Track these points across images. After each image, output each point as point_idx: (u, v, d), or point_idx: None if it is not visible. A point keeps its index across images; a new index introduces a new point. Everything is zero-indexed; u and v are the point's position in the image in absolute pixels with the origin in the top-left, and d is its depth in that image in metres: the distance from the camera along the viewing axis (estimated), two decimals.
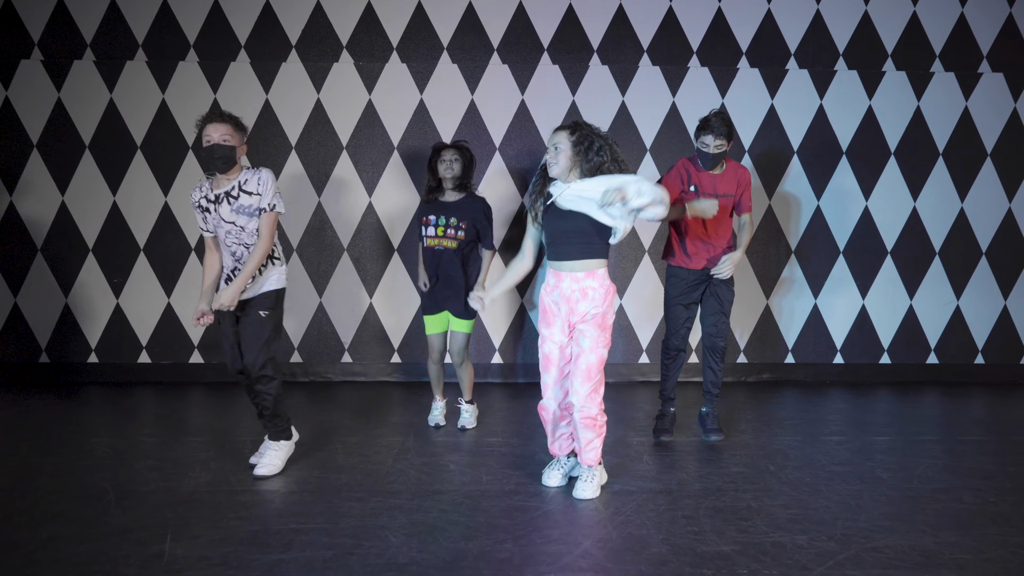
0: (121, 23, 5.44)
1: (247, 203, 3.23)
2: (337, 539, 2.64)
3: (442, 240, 4.06)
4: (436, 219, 4.07)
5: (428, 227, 4.10)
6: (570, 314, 3.11)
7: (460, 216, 4.07)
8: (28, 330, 5.55)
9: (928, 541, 2.67)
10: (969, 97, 5.73)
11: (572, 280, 3.08)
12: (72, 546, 2.57)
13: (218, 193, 3.27)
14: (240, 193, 3.25)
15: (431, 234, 4.09)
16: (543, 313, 3.20)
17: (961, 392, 5.46)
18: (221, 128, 3.19)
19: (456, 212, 4.07)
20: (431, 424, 4.32)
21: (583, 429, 3.11)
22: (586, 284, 3.07)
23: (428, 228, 4.10)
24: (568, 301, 3.10)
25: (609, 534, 2.73)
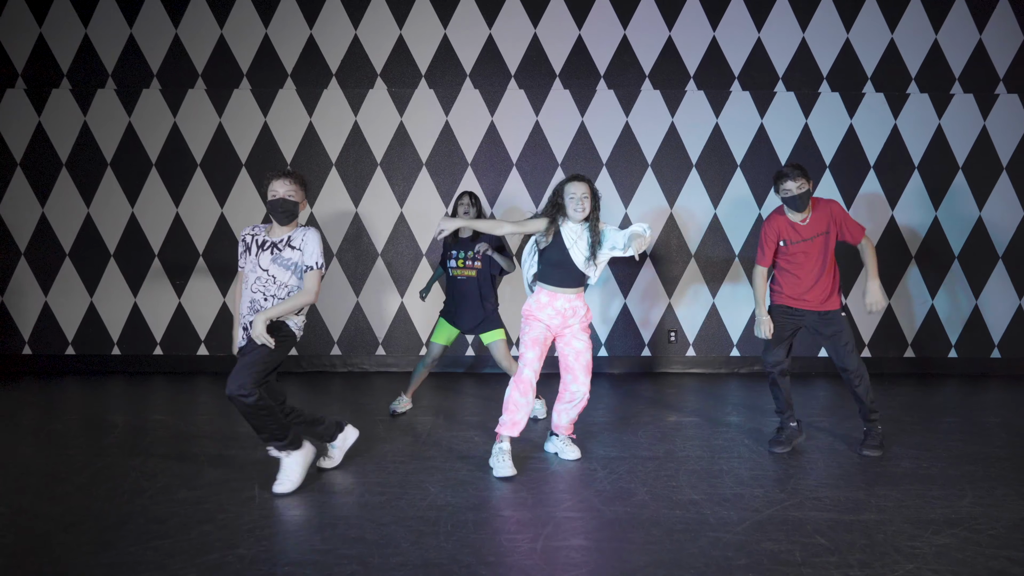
0: (184, 55, 6.19)
1: (288, 256, 3.38)
2: (388, 488, 3.35)
3: (464, 271, 4.67)
4: (457, 253, 4.68)
5: (452, 260, 4.71)
6: (562, 326, 3.78)
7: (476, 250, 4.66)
8: (12, 324, 6.33)
9: (861, 493, 3.32)
10: (942, 115, 6.33)
11: (566, 299, 3.75)
12: (184, 492, 3.29)
13: (267, 241, 3.42)
14: (286, 247, 3.40)
15: (453, 265, 4.70)
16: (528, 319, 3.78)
17: (936, 383, 6.06)
18: (288, 185, 3.39)
19: (471, 246, 4.66)
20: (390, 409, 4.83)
21: (581, 406, 3.81)
22: (575, 304, 3.78)
23: (452, 261, 4.71)
24: (562, 315, 3.76)
25: (603, 487, 3.40)
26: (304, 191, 3.50)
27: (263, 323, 3.24)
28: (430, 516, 3.02)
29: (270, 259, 3.39)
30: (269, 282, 3.37)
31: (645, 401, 5.28)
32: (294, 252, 3.39)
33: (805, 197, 3.84)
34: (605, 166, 6.32)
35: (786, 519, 3.00)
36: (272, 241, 3.43)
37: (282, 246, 3.40)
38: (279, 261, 3.38)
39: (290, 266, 3.38)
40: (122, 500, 3.20)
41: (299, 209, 3.44)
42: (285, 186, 3.39)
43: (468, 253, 4.69)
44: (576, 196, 3.70)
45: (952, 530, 2.90)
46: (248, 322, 3.36)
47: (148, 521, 2.96)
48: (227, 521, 2.97)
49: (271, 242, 3.43)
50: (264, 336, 3.23)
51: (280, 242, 3.41)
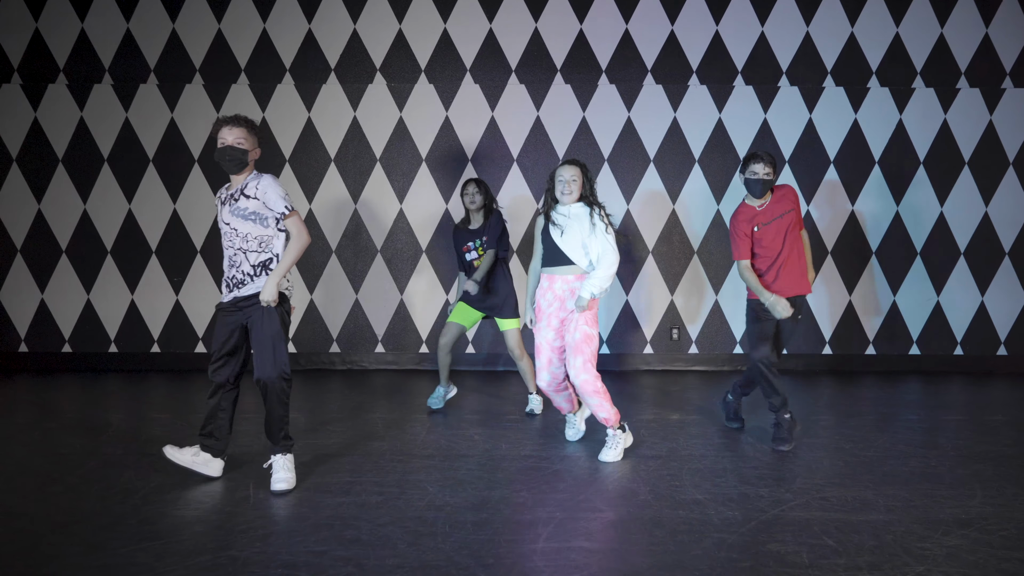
0: (181, 50, 6.13)
1: (244, 206, 3.29)
2: (385, 488, 3.28)
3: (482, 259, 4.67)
4: (473, 244, 4.73)
5: (470, 252, 4.74)
6: (560, 310, 3.77)
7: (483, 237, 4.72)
8: (9, 320, 6.26)
9: (868, 493, 3.25)
10: (948, 110, 6.24)
11: (563, 281, 3.76)
12: (177, 492, 3.23)
13: (226, 194, 3.38)
14: (240, 196, 3.30)
15: (474, 256, 4.72)
16: (537, 312, 3.88)
17: (940, 380, 5.98)
18: (236, 131, 3.26)
19: (480, 234, 4.72)
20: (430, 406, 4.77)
21: (585, 396, 3.73)
22: (575, 286, 3.76)
23: (470, 253, 4.73)
24: (560, 299, 3.76)
25: (606, 486, 3.34)
26: (255, 137, 3.36)
27: (275, 286, 3.24)
28: (428, 516, 2.96)
29: (229, 212, 3.33)
30: (233, 235, 3.32)
31: (647, 399, 5.22)
32: (250, 201, 3.29)
33: (767, 185, 3.98)
34: (607, 161, 6.24)
35: (792, 519, 2.93)
36: (228, 194, 3.37)
37: (237, 196, 3.32)
38: (237, 212, 3.31)
39: (249, 216, 3.29)
40: (114, 500, 3.14)
41: (250, 157, 3.31)
42: (234, 133, 3.26)
43: (478, 242, 4.73)
44: (564, 179, 3.80)
45: (963, 531, 2.83)
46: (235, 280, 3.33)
47: (140, 522, 2.90)
48: (221, 522, 2.91)
49: (227, 195, 3.37)
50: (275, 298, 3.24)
51: (235, 192, 3.33)
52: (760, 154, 3.99)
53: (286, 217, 3.31)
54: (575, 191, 3.77)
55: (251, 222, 3.29)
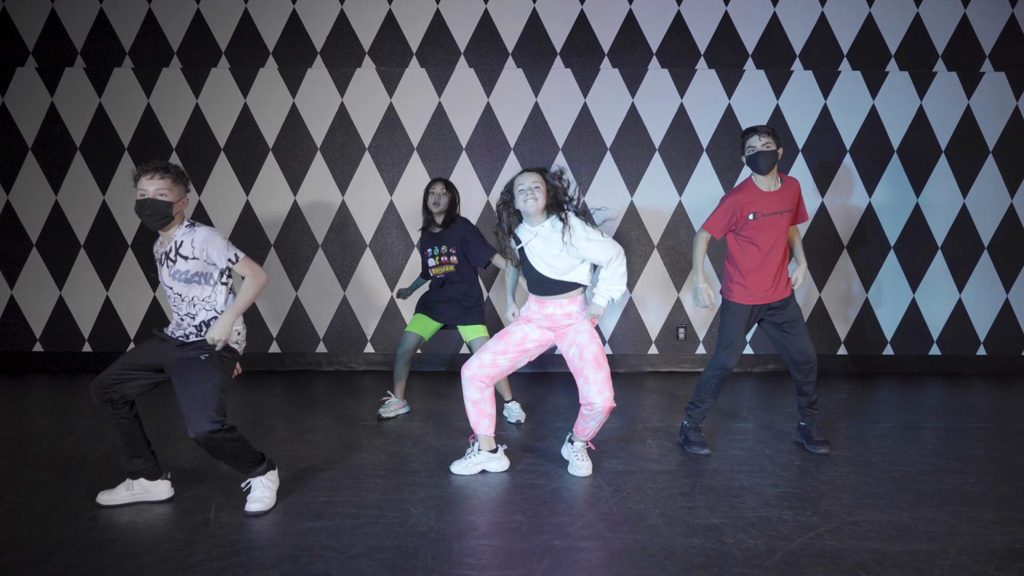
0: (158, 32, 5.76)
1: (183, 268, 2.94)
2: (363, 510, 2.93)
3: (442, 268, 4.36)
4: (432, 250, 4.39)
5: (429, 258, 4.41)
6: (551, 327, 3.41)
7: (448, 243, 4.35)
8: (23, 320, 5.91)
9: (905, 516, 2.90)
10: (971, 96, 5.88)
11: (556, 306, 3.36)
12: (129, 515, 2.88)
13: (161, 253, 3.02)
14: (177, 256, 2.95)
15: (433, 264, 4.40)
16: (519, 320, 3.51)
17: (963, 382, 5.63)
18: (157, 182, 2.88)
19: (445, 240, 4.36)
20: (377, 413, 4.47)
21: (601, 415, 3.31)
22: (569, 309, 3.36)
23: (430, 260, 4.41)
24: (553, 320, 3.38)
25: (610, 508, 2.99)
26: (183, 187, 2.98)
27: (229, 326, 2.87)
28: (409, 545, 2.61)
29: (169, 275, 2.98)
30: (178, 300, 2.99)
31: (652, 404, 4.87)
32: (189, 262, 2.94)
33: (771, 157, 3.63)
34: (609, 150, 5.88)
35: (823, 549, 2.58)
36: (164, 251, 2.99)
37: (173, 256, 2.95)
38: (178, 276, 2.96)
39: (192, 278, 2.95)
40: (56, 524, 2.79)
41: (175, 210, 2.92)
42: (154, 184, 2.87)
43: (443, 248, 4.38)
44: (525, 187, 3.28)
45: (1019, 563, 2.48)
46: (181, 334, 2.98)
47: (80, 551, 2.55)
48: (172, 552, 2.56)
49: (163, 252, 3.00)
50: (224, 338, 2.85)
51: (170, 251, 2.96)
52: (756, 127, 3.69)
53: (235, 264, 2.96)
54: (540, 198, 3.27)
55: (196, 284, 2.96)
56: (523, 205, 3.29)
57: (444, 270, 4.37)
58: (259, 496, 2.94)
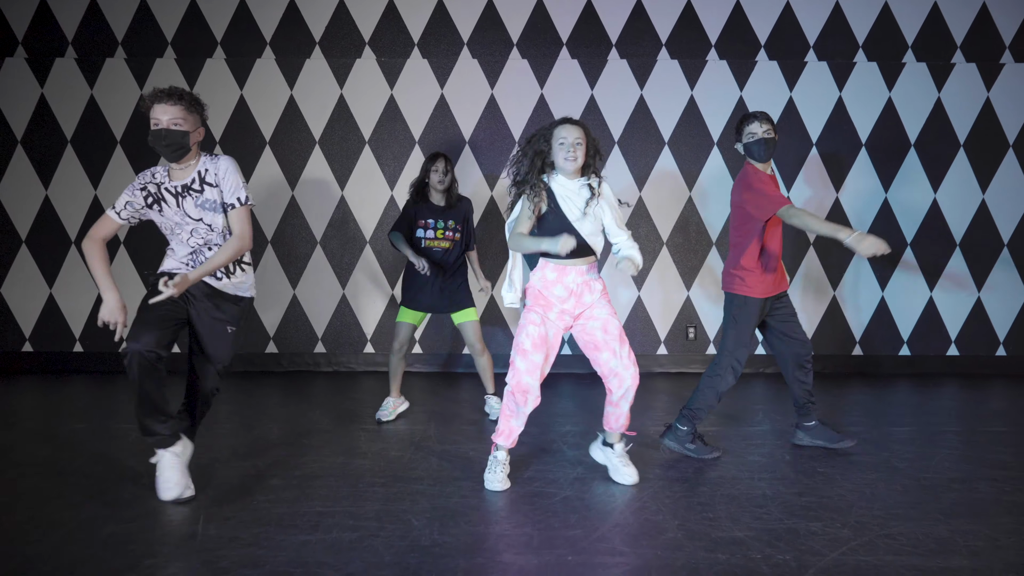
0: (103, 22, 5.54)
1: (211, 197, 2.86)
2: (362, 522, 2.74)
3: (439, 242, 4.23)
4: (435, 222, 4.23)
5: (425, 229, 4.24)
6: (577, 305, 3.14)
7: (456, 219, 4.26)
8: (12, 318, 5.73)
9: (942, 529, 2.71)
10: (991, 88, 5.69)
11: (577, 273, 3.13)
12: (111, 526, 2.69)
13: (177, 185, 2.88)
14: (203, 186, 2.87)
15: (430, 236, 4.23)
16: (537, 299, 3.14)
17: (981, 384, 5.44)
18: (171, 110, 2.74)
19: (452, 216, 4.25)
20: (376, 418, 4.23)
21: (631, 393, 3.12)
22: (587, 277, 3.15)
23: (425, 231, 4.23)
24: (574, 294, 3.13)
25: (626, 519, 2.80)
26: (198, 115, 2.87)
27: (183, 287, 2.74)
28: (410, 562, 2.41)
29: (195, 205, 2.88)
30: (209, 232, 2.92)
31: (662, 406, 4.68)
32: (214, 190, 2.89)
33: (772, 144, 3.50)
34: (617, 144, 5.69)
35: (858, 566, 2.39)
36: (180, 184, 2.88)
37: (198, 186, 2.88)
38: (204, 205, 2.88)
39: (217, 208, 2.90)
40: (31, 538, 2.60)
41: (190, 140, 2.83)
42: (168, 112, 2.75)
43: (448, 223, 4.24)
44: (568, 141, 3.04)
45: None
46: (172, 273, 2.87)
47: (54, 569, 2.36)
48: (153, 568, 2.37)
49: (180, 185, 2.88)
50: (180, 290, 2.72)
51: (192, 183, 2.88)
52: (755, 113, 3.54)
53: (235, 209, 2.89)
54: (580, 156, 3.07)
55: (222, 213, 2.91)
56: (563, 161, 3.05)
57: (441, 245, 4.24)
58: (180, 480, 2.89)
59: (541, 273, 3.16)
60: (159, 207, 2.89)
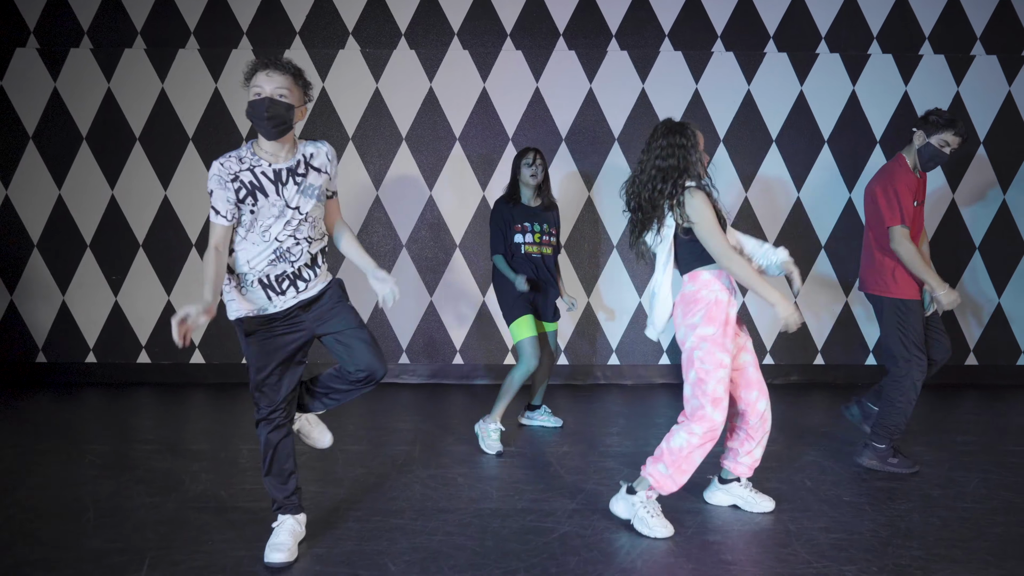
0: (120, 10, 5.24)
1: (314, 183, 2.51)
2: (330, 567, 2.39)
3: (539, 247, 3.92)
4: (532, 226, 3.91)
5: (524, 234, 3.90)
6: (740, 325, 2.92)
7: (551, 223, 4.00)
8: (25, 329, 5.36)
9: (994, 573, 2.38)
10: (1013, 82, 5.40)
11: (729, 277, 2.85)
12: (40, 572, 2.34)
13: (278, 168, 2.48)
14: (308, 170, 2.51)
15: (528, 240, 3.90)
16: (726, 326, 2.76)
17: (1001, 395, 5.13)
18: (277, 79, 2.40)
19: (547, 219, 3.98)
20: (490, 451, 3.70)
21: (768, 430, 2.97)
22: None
23: (523, 235, 3.89)
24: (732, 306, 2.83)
25: (633, 564, 2.46)
26: (302, 92, 2.50)
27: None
28: None
29: (297, 191, 2.47)
30: (302, 223, 2.49)
31: (665, 422, 4.33)
32: (320, 176, 2.54)
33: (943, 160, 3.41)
34: (617, 141, 5.37)
35: None
36: (284, 167, 2.47)
37: (303, 170, 2.50)
38: (307, 191, 2.49)
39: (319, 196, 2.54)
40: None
41: (294, 117, 2.45)
42: (274, 81, 2.39)
43: (545, 227, 3.93)
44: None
45: None
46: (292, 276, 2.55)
47: None
48: None
49: (283, 168, 2.47)
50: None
51: (297, 165, 2.49)
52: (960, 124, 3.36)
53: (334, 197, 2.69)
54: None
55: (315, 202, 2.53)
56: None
57: (542, 251, 3.93)
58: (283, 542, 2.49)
59: (711, 284, 2.81)
60: (253, 199, 2.44)
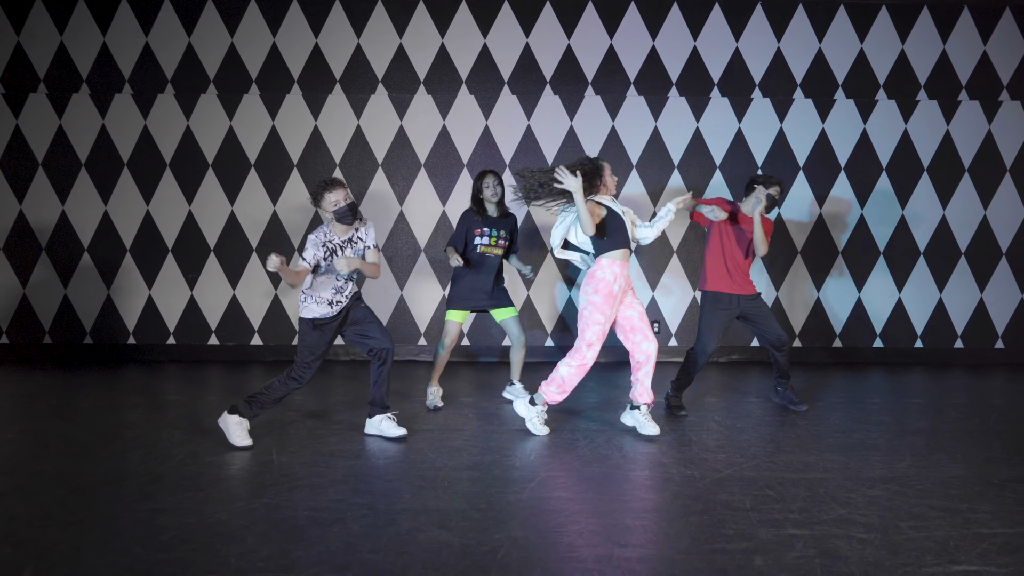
0: (193, 59, 6.59)
1: (359, 248, 4.15)
2: (390, 455, 3.76)
3: (493, 248, 4.89)
4: (489, 231, 4.89)
5: (482, 237, 4.94)
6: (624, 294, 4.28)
7: (506, 229, 4.96)
8: (118, 316, 6.72)
9: (812, 458, 3.73)
10: (908, 120, 6.76)
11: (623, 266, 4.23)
12: (210, 456, 3.70)
13: (342, 240, 4.07)
14: (357, 240, 4.14)
15: (485, 243, 4.93)
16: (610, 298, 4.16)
17: (902, 370, 6.49)
18: (344, 191, 4.00)
19: (503, 226, 4.95)
20: (430, 407, 4.88)
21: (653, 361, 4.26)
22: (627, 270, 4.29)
23: (482, 237, 4.94)
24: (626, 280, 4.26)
25: (584, 453, 3.82)
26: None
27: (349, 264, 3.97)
28: (428, 475, 3.42)
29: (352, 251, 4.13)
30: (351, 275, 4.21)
31: (628, 387, 5.69)
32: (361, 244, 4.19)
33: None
34: None
35: (742, 477, 3.42)
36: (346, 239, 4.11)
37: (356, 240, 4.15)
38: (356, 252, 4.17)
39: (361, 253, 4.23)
40: (155, 463, 3.60)
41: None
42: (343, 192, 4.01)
43: (501, 232, 4.93)
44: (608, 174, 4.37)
45: (886, 485, 3.32)
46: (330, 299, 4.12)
47: (181, 478, 3.37)
48: (250, 478, 3.38)
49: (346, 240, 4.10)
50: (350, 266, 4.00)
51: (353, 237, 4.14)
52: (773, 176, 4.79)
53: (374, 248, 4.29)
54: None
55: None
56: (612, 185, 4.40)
57: (493, 251, 4.87)
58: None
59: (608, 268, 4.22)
60: (330, 257, 4.03)
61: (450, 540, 2.69)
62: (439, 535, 2.73)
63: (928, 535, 2.77)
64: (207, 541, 2.67)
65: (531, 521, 2.89)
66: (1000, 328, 6.91)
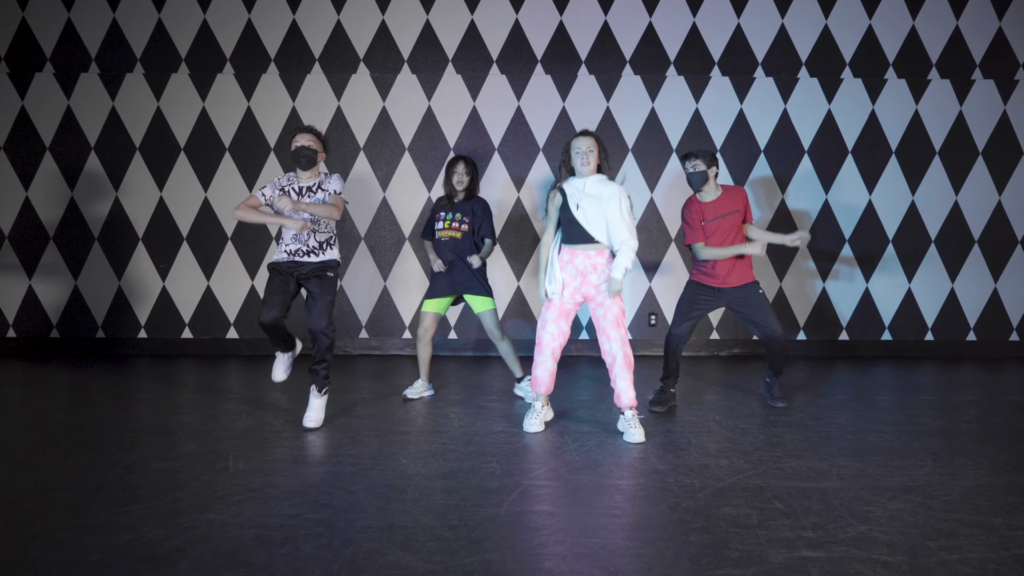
0: (166, 40, 6.22)
1: (320, 198, 4.02)
2: (359, 460, 3.40)
3: (449, 232, 4.75)
4: (445, 215, 4.78)
5: (439, 222, 4.79)
6: (583, 284, 3.90)
7: (463, 212, 4.79)
8: (130, 310, 6.37)
9: (824, 464, 3.39)
10: (919, 101, 6.39)
11: (584, 257, 3.87)
12: (160, 463, 3.35)
13: (301, 186, 4.04)
14: (319, 190, 4.04)
15: (440, 227, 4.78)
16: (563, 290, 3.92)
17: (912, 364, 6.15)
18: (308, 136, 4.05)
19: (460, 209, 4.79)
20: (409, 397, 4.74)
21: (625, 369, 3.85)
22: (596, 260, 3.89)
23: (439, 223, 4.79)
24: (582, 273, 3.88)
25: (572, 458, 3.47)
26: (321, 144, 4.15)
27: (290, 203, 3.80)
28: (399, 484, 3.08)
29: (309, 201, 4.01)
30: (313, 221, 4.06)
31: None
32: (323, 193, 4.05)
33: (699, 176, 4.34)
34: None
35: (747, 486, 3.07)
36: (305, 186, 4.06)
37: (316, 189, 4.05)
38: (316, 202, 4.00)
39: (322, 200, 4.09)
40: (97, 470, 3.25)
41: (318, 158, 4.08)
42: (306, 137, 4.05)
43: (456, 215, 4.75)
44: (581, 150, 3.86)
45: (908, 496, 2.98)
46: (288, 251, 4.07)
47: (122, 489, 3.02)
48: (199, 488, 3.03)
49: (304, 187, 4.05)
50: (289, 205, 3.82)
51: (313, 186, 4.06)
52: (691, 152, 4.40)
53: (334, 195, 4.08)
54: (592, 162, 3.87)
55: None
56: (578, 167, 3.89)
57: (450, 235, 4.71)
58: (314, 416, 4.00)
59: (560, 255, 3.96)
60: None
61: (413, 565, 2.34)
62: (401, 558, 2.39)
63: (962, 557, 2.42)
64: (131, 567, 2.32)
65: (508, 541, 2.54)
66: (1015, 320, 6.56)
